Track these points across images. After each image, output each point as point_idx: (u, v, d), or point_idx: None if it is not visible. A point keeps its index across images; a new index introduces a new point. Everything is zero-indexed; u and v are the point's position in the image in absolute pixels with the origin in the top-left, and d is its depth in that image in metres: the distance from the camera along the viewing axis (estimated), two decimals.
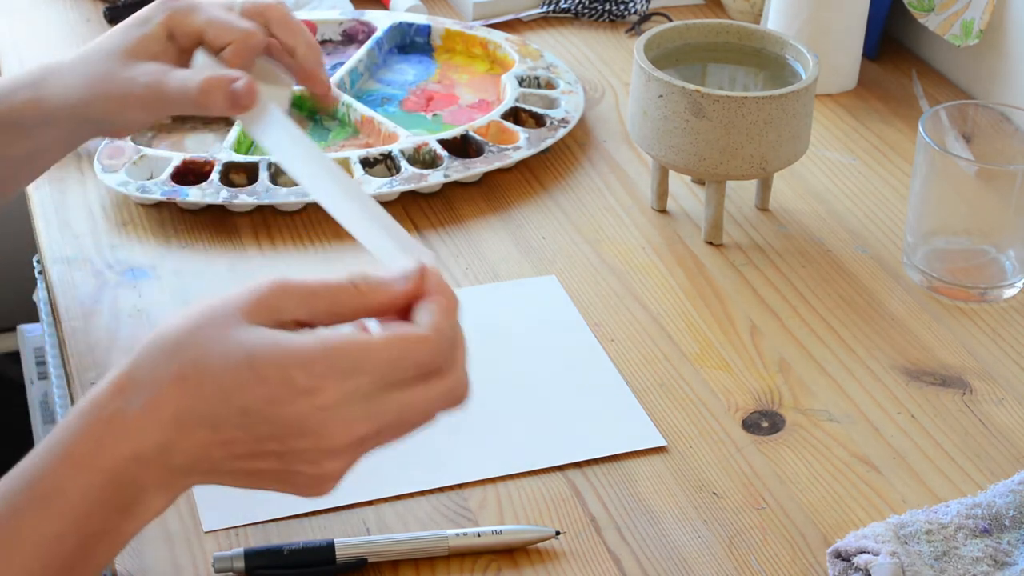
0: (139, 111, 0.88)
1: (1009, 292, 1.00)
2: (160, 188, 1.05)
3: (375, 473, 0.83)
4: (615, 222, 1.07)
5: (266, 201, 1.05)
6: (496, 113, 1.15)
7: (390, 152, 1.10)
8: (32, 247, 1.16)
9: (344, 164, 1.08)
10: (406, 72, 1.25)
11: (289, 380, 0.66)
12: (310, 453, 0.67)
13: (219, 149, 1.10)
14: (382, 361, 0.66)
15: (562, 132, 1.14)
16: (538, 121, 1.16)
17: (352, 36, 1.29)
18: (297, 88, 0.99)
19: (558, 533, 0.79)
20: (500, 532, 0.78)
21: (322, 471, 0.67)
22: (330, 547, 0.77)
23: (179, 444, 0.66)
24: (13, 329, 1.66)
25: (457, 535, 0.78)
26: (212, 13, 0.88)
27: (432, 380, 0.67)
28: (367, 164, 1.09)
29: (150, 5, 0.90)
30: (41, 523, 0.65)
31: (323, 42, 1.28)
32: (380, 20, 1.29)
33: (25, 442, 1.68)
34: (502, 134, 1.14)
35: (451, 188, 1.09)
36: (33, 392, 1.60)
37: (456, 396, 0.69)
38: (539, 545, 0.79)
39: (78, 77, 0.89)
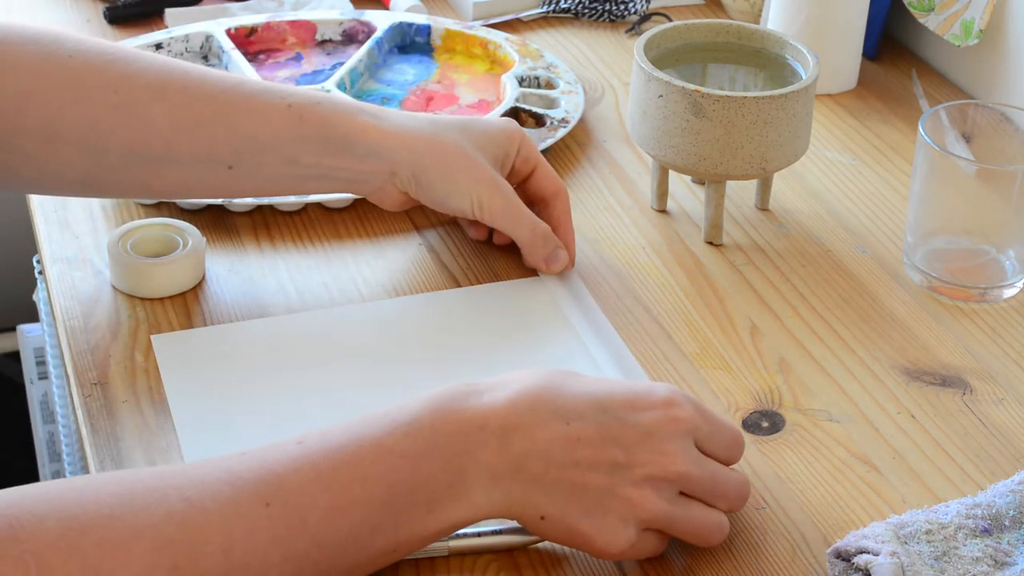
0: (464, 186, 0.95)
1: (1009, 292, 1.00)
2: None
3: None
4: (615, 222, 1.07)
5: (266, 201, 1.05)
6: (496, 113, 1.15)
7: None
8: (32, 247, 1.16)
9: None
10: (406, 72, 1.25)
11: (652, 391, 0.74)
12: (644, 469, 0.72)
13: None
14: (727, 426, 0.77)
15: (562, 132, 1.14)
16: (538, 121, 1.16)
17: (352, 36, 1.29)
18: None
19: None
20: (500, 532, 0.78)
21: (640, 497, 0.72)
22: None
23: (526, 429, 0.71)
24: (13, 329, 1.66)
25: (457, 535, 0.78)
26: (541, 157, 1.01)
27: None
28: None
29: (504, 120, 1.00)
30: (398, 443, 0.70)
31: (323, 42, 1.28)
32: (380, 20, 1.29)
33: (25, 442, 1.68)
34: None
35: None
36: (33, 392, 1.60)
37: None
38: (539, 545, 0.79)
39: (423, 123, 0.95)
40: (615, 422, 0.73)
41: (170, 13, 1.32)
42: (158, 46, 1.23)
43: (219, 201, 1.04)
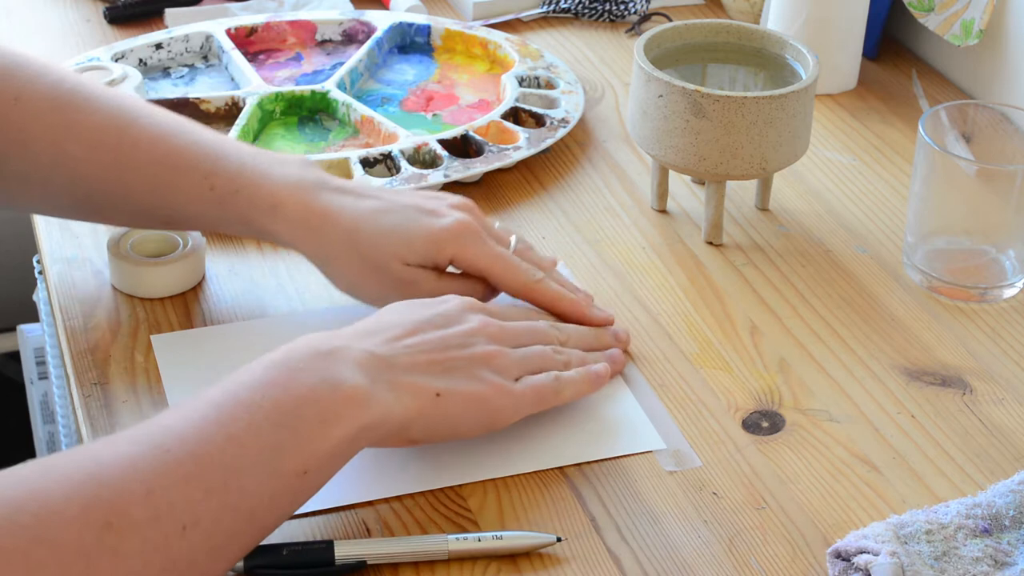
0: (373, 295, 0.94)
1: (1009, 292, 1.00)
2: None
3: (375, 473, 0.83)
4: (615, 222, 1.07)
5: None
6: (496, 113, 1.15)
7: (390, 152, 1.09)
8: (32, 247, 1.16)
9: (344, 164, 1.08)
10: (406, 72, 1.25)
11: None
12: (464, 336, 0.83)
13: None
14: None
15: (562, 132, 1.14)
16: (538, 121, 1.16)
17: (352, 36, 1.29)
18: (295, 89, 0.99)
19: (559, 539, 0.78)
20: (501, 537, 0.78)
21: (475, 352, 0.82)
22: (329, 548, 0.77)
23: (372, 336, 0.80)
24: (13, 329, 1.65)
25: (457, 539, 0.77)
26: (491, 252, 0.92)
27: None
28: (367, 164, 1.09)
29: (447, 228, 0.91)
30: (271, 371, 0.75)
31: (323, 42, 1.28)
32: (380, 20, 1.29)
33: (25, 442, 1.68)
34: (502, 134, 1.14)
35: (451, 188, 1.09)
36: (33, 392, 1.60)
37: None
38: (539, 548, 0.78)
39: (343, 227, 0.92)
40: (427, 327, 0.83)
41: (170, 13, 1.32)
42: (158, 46, 1.23)
43: None
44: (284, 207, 0.91)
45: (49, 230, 1.03)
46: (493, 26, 1.33)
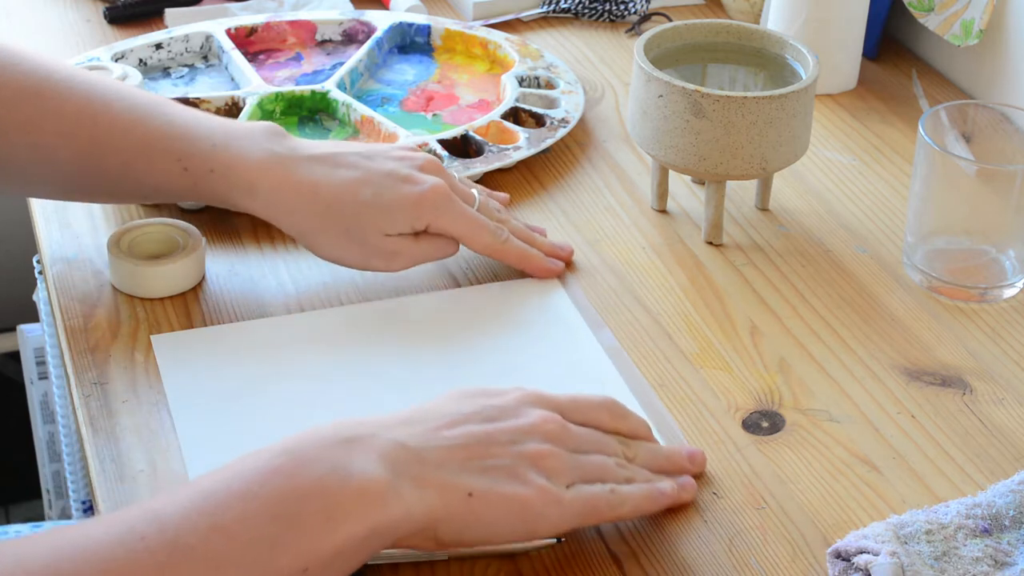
0: (354, 260, 0.95)
1: (1009, 292, 1.00)
2: None
3: None
4: (615, 222, 1.07)
5: None
6: (496, 113, 1.15)
7: None
8: (32, 247, 1.16)
9: None
10: (406, 72, 1.25)
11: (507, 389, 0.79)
12: (516, 432, 0.75)
13: None
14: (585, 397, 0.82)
15: (562, 132, 1.14)
16: (538, 121, 1.16)
17: (352, 36, 1.29)
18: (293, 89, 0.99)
19: (559, 539, 0.78)
20: None
21: (538, 450, 0.75)
22: None
23: (408, 426, 0.74)
24: (13, 329, 1.66)
25: None
26: (463, 215, 0.96)
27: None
28: None
29: (423, 196, 0.94)
30: (275, 459, 0.69)
31: (323, 42, 1.28)
32: (380, 20, 1.29)
33: (25, 442, 1.68)
34: (502, 134, 1.14)
35: None
36: (33, 392, 1.60)
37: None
38: (540, 549, 0.78)
39: (317, 204, 0.93)
40: (482, 423, 0.76)
41: (170, 13, 1.32)
42: (158, 46, 1.23)
43: None
44: (260, 185, 0.93)
45: (49, 230, 1.03)
46: (493, 26, 1.33)
